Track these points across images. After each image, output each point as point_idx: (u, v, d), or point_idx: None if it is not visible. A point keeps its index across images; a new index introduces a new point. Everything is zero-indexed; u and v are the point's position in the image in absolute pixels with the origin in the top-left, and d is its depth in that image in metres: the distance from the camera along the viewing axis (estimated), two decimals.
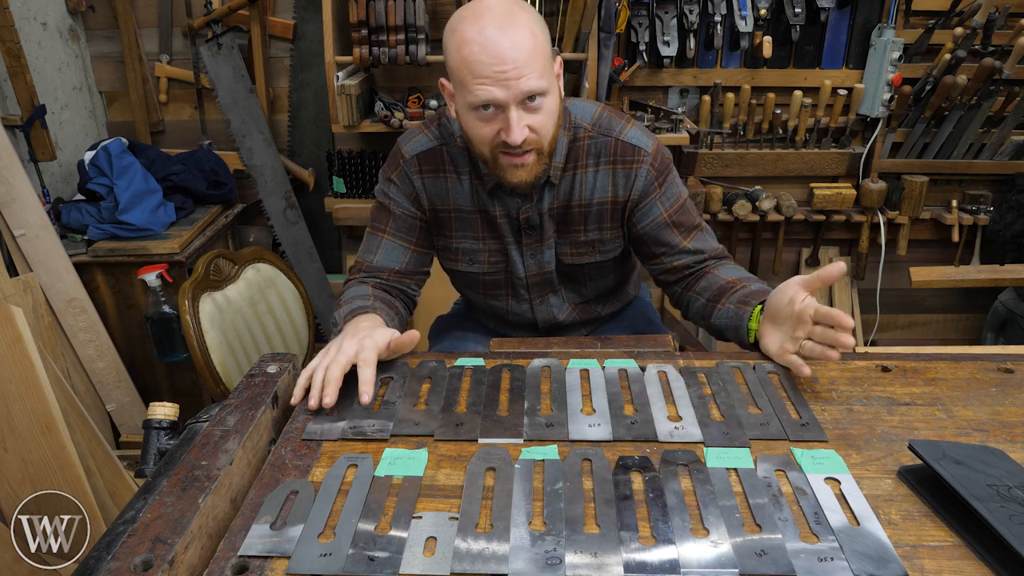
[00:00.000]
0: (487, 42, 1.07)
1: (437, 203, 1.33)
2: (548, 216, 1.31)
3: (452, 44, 1.12)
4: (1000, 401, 1.00)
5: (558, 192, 1.30)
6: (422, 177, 1.32)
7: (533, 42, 1.09)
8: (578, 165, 1.29)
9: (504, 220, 1.32)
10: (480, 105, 1.11)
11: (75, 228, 2.21)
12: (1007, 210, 2.54)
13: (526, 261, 1.36)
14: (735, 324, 1.20)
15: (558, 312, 1.45)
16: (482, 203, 1.31)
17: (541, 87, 1.10)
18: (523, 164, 1.16)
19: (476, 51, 1.07)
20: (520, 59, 1.07)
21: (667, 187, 1.30)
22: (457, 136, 1.29)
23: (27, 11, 2.23)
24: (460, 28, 1.10)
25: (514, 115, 1.10)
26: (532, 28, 1.10)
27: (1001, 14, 2.36)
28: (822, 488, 0.82)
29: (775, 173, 2.62)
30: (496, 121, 1.12)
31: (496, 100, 1.09)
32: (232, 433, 0.89)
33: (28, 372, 1.65)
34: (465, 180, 1.31)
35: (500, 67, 1.07)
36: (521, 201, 1.29)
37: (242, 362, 1.57)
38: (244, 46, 2.52)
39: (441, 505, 0.82)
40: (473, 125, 1.15)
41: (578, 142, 1.28)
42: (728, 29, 2.45)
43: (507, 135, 1.11)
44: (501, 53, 1.06)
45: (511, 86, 1.08)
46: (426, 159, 1.31)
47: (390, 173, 1.33)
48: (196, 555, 0.76)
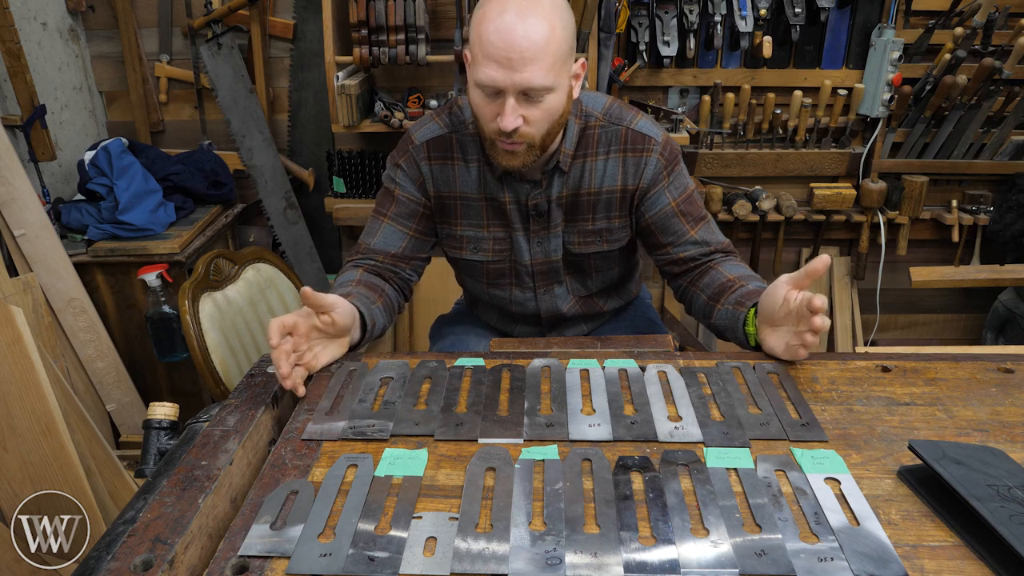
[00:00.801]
0: (503, 25, 1.07)
1: (443, 190, 1.34)
2: (556, 204, 1.32)
3: (476, 17, 1.12)
4: (1000, 401, 1.00)
5: (567, 180, 1.30)
6: (430, 164, 1.33)
7: (549, 36, 1.08)
8: (588, 153, 1.30)
9: (513, 207, 1.33)
10: (482, 84, 1.12)
11: (75, 228, 2.22)
12: (1007, 210, 2.54)
13: (532, 249, 1.37)
14: (732, 326, 1.20)
15: (562, 303, 1.45)
16: (490, 190, 1.32)
17: (544, 84, 1.10)
18: (514, 151, 1.18)
19: (491, 31, 1.08)
20: (529, 51, 1.07)
21: (675, 177, 1.32)
22: (468, 123, 1.30)
23: (27, 11, 2.23)
24: (487, 6, 1.11)
25: (510, 103, 1.11)
26: (553, 23, 1.09)
27: (1001, 14, 2.36)
28: (822, 488, 0.82)
29: (775, 173, 2.62)
30: (495, 104, 1.13)
31: (496, 84, 1.10)
32: (232, 433, 0.89)
33: (28, 372, 1.65)
34: (473, 168, 1.32)
35: (508, 53, 1.07)
36: (530, 187, 1.30)
37: (242, 362, 1.57)
38: (244, 46, 2.52)
39: (441, 505, 0.82)
40: (476, 101, 1.16)
41: (589, 130, 1.29)
42: (728, 29, 2.45)
43: (500, 120, 1.13)
44: (513, 40, 1.07)
45: (512, 76, 1.08)
46: (435, 146, 1.32)
47: (398, 159, 1.35)
48: (196, 555, 0.76)
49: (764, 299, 1.10)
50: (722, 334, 1.26)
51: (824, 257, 1.02)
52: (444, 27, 2.45)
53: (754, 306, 1.15)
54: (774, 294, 1.08)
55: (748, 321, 1.16)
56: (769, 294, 1.09)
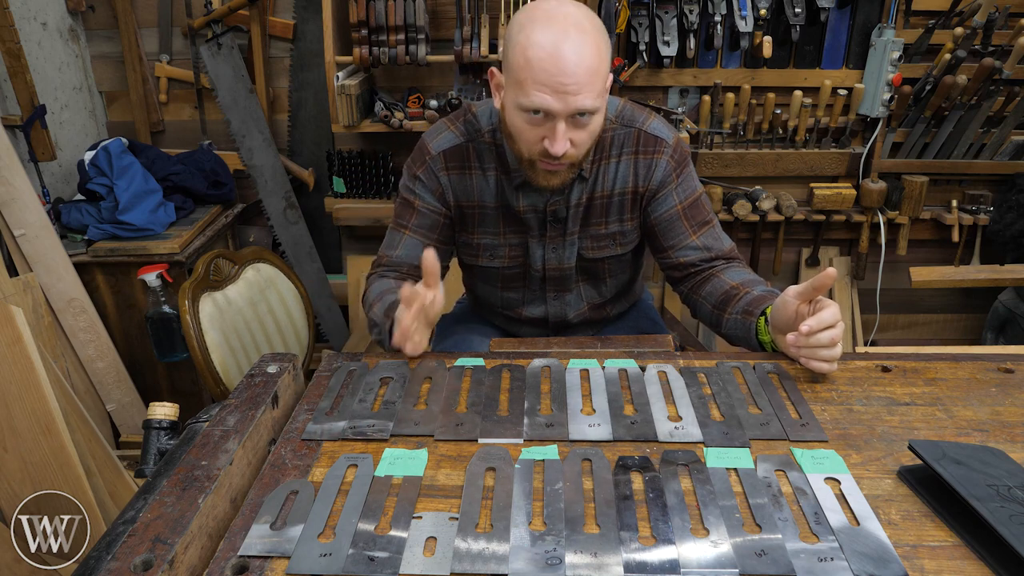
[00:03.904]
0: (555, 51, 1.06)
1: (462, 200, 1.34)
2: (574, 210, 1.32)
3: (519, 41, 1.10)
4: (1000, 401, 1.00)
5: (586, 185, 1.31)
6: (448, 174, 1.32)
7: (598, 61, 1.09)
8: (602, 156, 1.30)
9: (530, 214, 1.33)
10: (532, 109, 1.11)
11: (75, 228, 2.21)
12: (1007, 210, 2.53)
13: (546, 255, 1.37)
14: (745, 336, 1.21)
15: (572, 310, 1.45)
16: (505, 198, 1.32)
17: (595, 106, 1.11)
18: (557, 171, 1.19)
19: (543, 56, 1.07)
20: (582, 76, 1.07)
21: (684, 179, 1.32)
22: (484, 132, 1.30)
23: (27, 11, 2.23)
24: (531, 28, 1.09)
25: (561, 127, 1.11)
26: (599, 46, 1.10)
27: (1001, 14, 2.36)
28: (822, 488, 0.82)
29: (775, 173, 2.62)
30: (542, 127, 1.13)
31: (550, 109, 1.09)
32: (232, 433, 0.89)
33: (28, 372, 1.65)
34: (491, 176, 1.32)
35: (562, 79, 1.07)
36: (550, 194, 1.30)
37: (242, 362, 1.57)
38: (244, 46, 2.52)
39: (441, 505, 0.82)
40: (518, 125, 1.15)
41: (604, 133, 1.29)
42: (728, 29, 2.45)
43: (550, 145, 1.12)
44: (566, 66, 1.06)
45: (567, 100, 1.08)
46: (452, 156, 1.32)
47: (416, 170, 1.34)
48: (196, 555, 0.76)
49: (776, 315, 1.11)
50: (736, 343, 1.25)
51: (831, 271, 1.02)
52: (444, 27, 2.45)
53: (762, 314, 1.15)
54: (785, 310, 1.08)
55: (761, 331, 1.16)
56: (780, 309, 1.09)
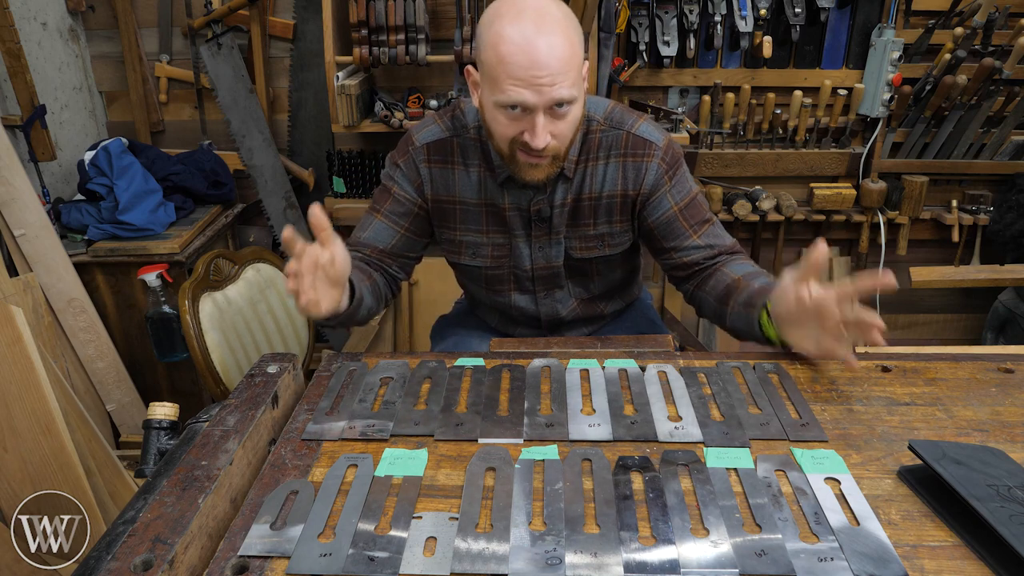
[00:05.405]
0: (526, 44, 1.06)
1: (442, 194, 1.34)
2: (559, 209, 1.32)
3: (488, 38, 1.11)
4: (1000, 401, 1.00)
5: (571, 185, 1.30)
6: (430, 166, 1.32)
7: (570, 50, 1.09)
8: (590, 158, 1.30)
9: (515, 212, 1.33)
10: (509, 105, 1.11)
11: (75, 228, 2.21)
12: (1007, 210, 2.53)
13: (534, 255, 1.37)
14: (748, 329, 1.19)
15: (562, 308, 1.45)
16: (490, 196, 1.32)
17: (572, 96, 1.11)
18: (539, 164, 1.18)
19: (513, 51, 1.07)
20: (555, 66, 1.07)
21: (677, 181, 1.31)
22: (471, 128, 1.30)
23: (27, 11, 2.23)
24: (499, 24, 1.09)
25: (540, 120, 1.11)
26: (570, 35, 1.09)
27: (1001, 14, 2.36)
28: (822, 488, 0.82)
29: (775, 173, 2.62)
30: (521, 122, 1.13)
31: (526, 103, 1.09)
32: (232, 433, 0.89)
33: (28, 372, 1.65)
34: (473, 173, 1.31)
35: (535, 72, 1.07)
36: (533, 193, 1.30)
37: (242, 362, 1.57)
38: (244, 46, 2.52)
39: (441, 505, 0.82)
40: (496, 121, 1.15)
41: (591, 135, 1.29)
42: (728, 29, 2.45)
43: (531, 138, 1.12)
44: (538, 58, 1.06)
45: (543, 92, 1.08)
46: (436, 149, 1.32)
47: (397, 158, 1.34)
48: (196, 555, 0.76)
49: (777, 303, 1.09)
50: (741, 337, 1.24)
51: (821, 244, 1.00)
52: (444, 27, 2.45)
53: (764, 306, 1.15)
54: (786, 295, 1.06)
55: (764, 324, 1.15)
56: (780, 296, 1.08)
